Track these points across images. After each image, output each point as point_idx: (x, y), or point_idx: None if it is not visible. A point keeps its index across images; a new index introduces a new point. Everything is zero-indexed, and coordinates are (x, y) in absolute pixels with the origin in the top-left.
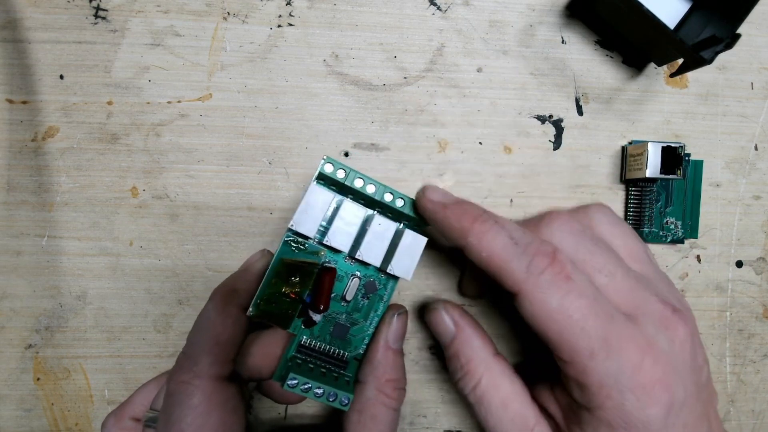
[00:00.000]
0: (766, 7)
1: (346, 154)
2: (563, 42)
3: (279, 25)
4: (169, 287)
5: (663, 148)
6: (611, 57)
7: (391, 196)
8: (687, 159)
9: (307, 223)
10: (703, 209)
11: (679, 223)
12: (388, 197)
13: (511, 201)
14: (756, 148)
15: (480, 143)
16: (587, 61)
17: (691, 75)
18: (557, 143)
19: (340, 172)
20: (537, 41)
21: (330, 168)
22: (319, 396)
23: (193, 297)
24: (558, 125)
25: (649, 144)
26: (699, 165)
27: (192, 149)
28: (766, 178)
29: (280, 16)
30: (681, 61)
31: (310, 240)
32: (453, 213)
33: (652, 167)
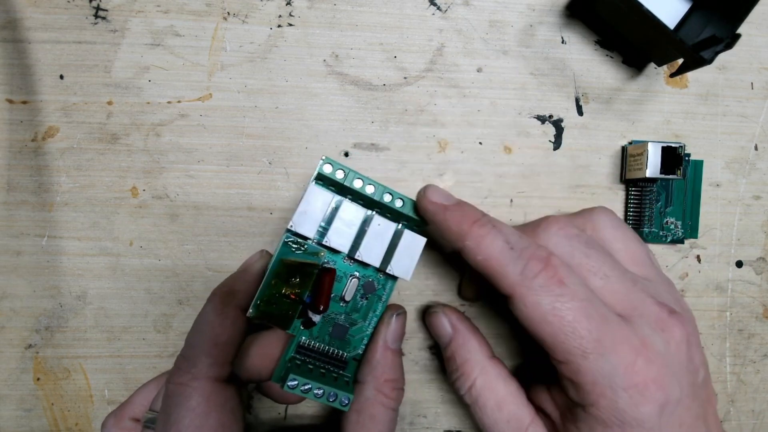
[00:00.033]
0: (766, 7)
1: (346, 154)
2: (563, 42)
3: (279, 25)
4: (169, 287)
5: (663, 148)
6: (611, 57)
7: (391, 196)
8: (687, 159)
9: (307, 224)
10: (703, 209)
11: (679, 223)
12: (387, 198)
13: (511, 201)
14: (756, 148)
15: (480, 143)
16: (587, 61)
17: (691, 75)
18: (557, 143)
19: (339, 172)
20: (537, 41)
21: (329, 168)
22: (319, 396)
23: (193, 297)
24: (558, 125)
25: (649, 144)
26: (699, 165)
27: (192, 149)
28: (766, 178)
29: (280, 16)
30: (681, 61)
31: (309, 241)
32: (453, 215)
33: (652, 167)
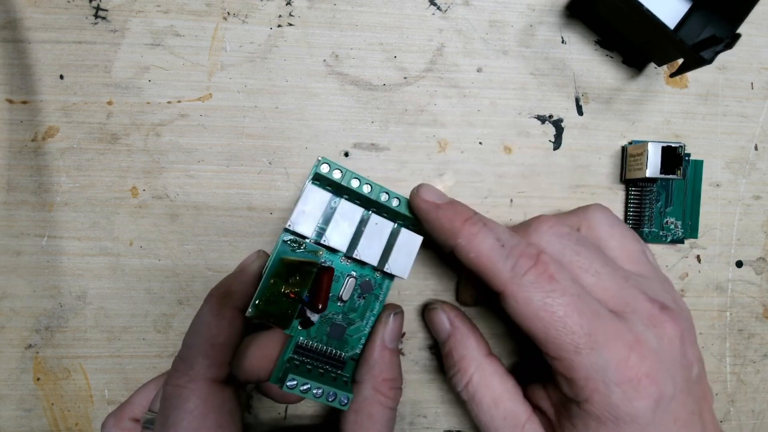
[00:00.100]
0: (766, 7)
1: (346, 154)
2: (563, 42)
3: (279, 25)
4: (169, 287)
5: (663, 148)
6: (611, 57)
7: (387, 195)
8: (687, 159)
9: (305, 223)
10: (703, 209)
11: (679, 223)
12: (384, 197)
13: (511, 201)
14: (756, 148)
15: (480, 143)
16: (587, 61)
17: (691, 75)
18: (557, 143)
19: (336, 172)
20: (537, 41)
21: (326, 168)
22: (318, 396)
23: (193, 297)
24: (558, 125)
25: (649, 144)
26: (699, 165)
27: (192, 149)
28: (766, 178)
29: (280, 16)
30: (681, 61)
31: (307, 240)
32: (445, 214)
33: (652, 167)
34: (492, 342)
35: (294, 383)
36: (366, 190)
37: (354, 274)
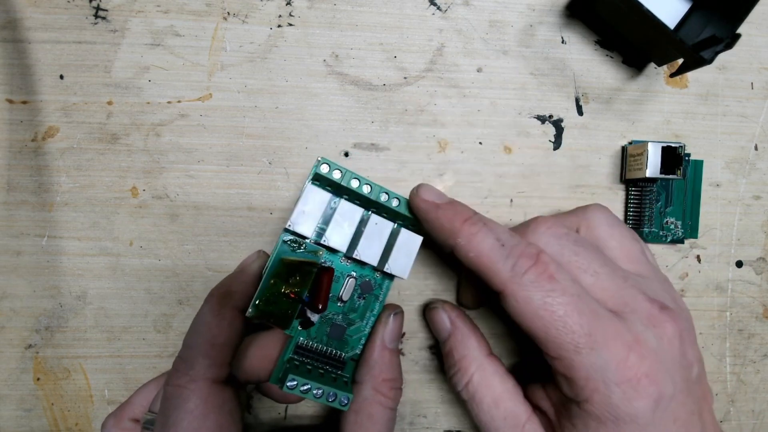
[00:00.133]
0: (766, 7)
1: (346, 154)
2: (563, 42)
3: (279, 25)
4: (169, 287)
5: (663, 148)
6: (611, 57)
7: (387, 196)
8: (687, 159)
9: (305, 223)
10: (703, 209)
11: (679, 223)
12: (383, 197)
13: (511, 201)
14: (756, 148)
15: (480, 143)
16: (587, 61)
17: (691, 75)
18: (557, 143)
19: (336, 172)
20: (537, 41)
21: (326, 168)
22: (319, 397)
23: (193, 297)
24: (558, 125)
25: (649, 144)
26: (699, 165)
27: (192, 149)
28: (766, 178)
29: (280, 16)
30: (681, 61)
31: (307, 240)
32: (444, 213)
33: (652, 167)
34: (492, 342)
35: (294, 383)
36: (366, 190)
37: (354, 274)
